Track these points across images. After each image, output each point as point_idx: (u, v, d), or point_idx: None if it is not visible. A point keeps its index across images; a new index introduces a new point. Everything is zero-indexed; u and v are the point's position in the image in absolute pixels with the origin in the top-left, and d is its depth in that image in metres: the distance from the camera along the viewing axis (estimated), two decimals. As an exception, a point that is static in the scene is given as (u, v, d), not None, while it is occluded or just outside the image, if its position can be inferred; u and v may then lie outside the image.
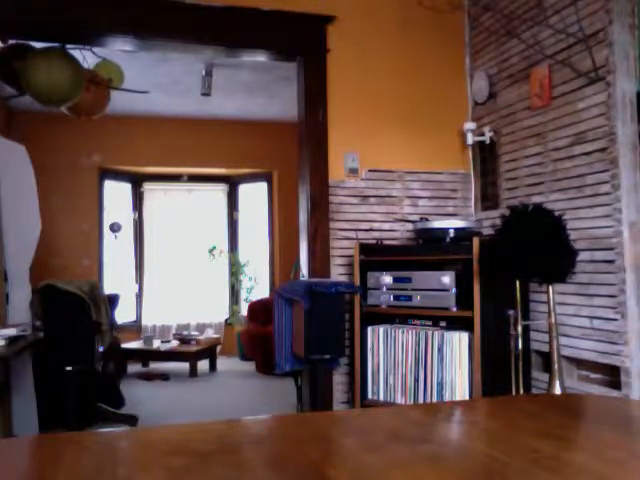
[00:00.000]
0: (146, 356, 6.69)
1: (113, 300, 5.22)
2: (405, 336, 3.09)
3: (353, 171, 3.51)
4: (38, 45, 3.57)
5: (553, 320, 2.58)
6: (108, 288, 6.52)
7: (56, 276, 4.48)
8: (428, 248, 3.18)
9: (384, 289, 3.19)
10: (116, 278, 7.36)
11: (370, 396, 3.19)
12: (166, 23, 3.29)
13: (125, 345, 6.37)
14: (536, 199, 3.00)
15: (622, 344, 2.61)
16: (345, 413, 2.08)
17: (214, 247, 7.85)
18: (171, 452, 0.92)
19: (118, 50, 3.82)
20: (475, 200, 3.65)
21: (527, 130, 3.20)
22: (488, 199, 3.57)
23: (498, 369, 2.84)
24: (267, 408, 4.67)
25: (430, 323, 3.11)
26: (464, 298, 2.93)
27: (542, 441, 0.95)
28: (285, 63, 3.87)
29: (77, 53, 3.62)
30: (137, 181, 7.74)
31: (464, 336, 2.92)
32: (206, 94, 5.54)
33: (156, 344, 6.62)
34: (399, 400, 3.09)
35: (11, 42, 3.63)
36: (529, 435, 0.99)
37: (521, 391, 2.76)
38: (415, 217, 3.50)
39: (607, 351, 2.68)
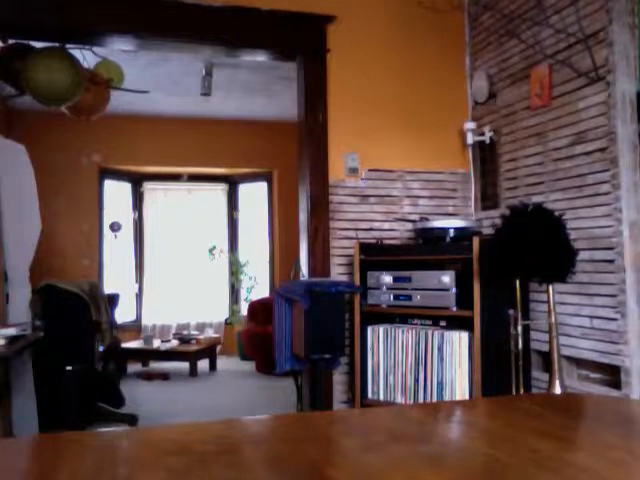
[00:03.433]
0: (146, 356, 6.69)
1: (113, 300, 5.22)
2: (405, 336, 3.09)
3: (353, 171, 3.51)
4: (38, 45, 3.57)
5: (553, 320, 2.58)
6: (108, 288, 6.52)
7: (56, 276, 4.49)
8: (428, 248, 3.19)
9: (384, 289, 3.19)
10: (116, 278, 7.36)
11: (370, 396, 3.19)
12: (166, 23, 3.29)
13: (125, 345, 6.37)
14: (536, 199, 2.99)
15: (622, 344, 2.61)
16: (345, 413, 2.08)
17: (214, 247, 7.85)
18: (171, 452, 0.92)
19: (118, 50, 3.82)
20: (475, 200, 3.65)
21: (527, 130, 3.20)
22: (488, 199, 3.57)
23: (498, 369, 2.84)
24: (267, 408, 4.67)
25: (430, 323, 3.11)
26: (464, 298, 2.93)
27: (542, 441, 0.95)
28: (285, 63, 3.87)
29: (77, 53, 3.62)
30: (137, 181, 7.75)
31: (464, 336, 2.92)
32: (206, 94, 5.54)
33: (156, 344, 6.63)
34: (399, 400, 3.09)
35: (11, 42, 3.63)
36: (529, 435, 0.99)
37: (521, 391, 2.76)
38: (415, 217, 3.50)
39: (607, 351, 2.68)
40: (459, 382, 2.92)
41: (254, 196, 8.03)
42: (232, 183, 8.07)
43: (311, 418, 1.32)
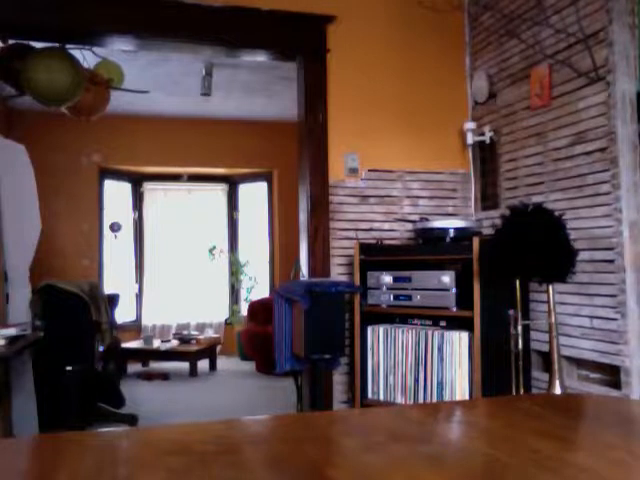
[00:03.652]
0: (146, 356, 6.69)
1: (113, 300, 5.22)
2: (405, 336, 3.09)
3: (353, 171, 3.51)
4: (38, 45, 3.57)
5: (553, 320, 2.58)
6: (108, 288, 6.52)
7: (56, 276, 4.49)
8: (428, 248, 3.18)
9: (384, 289, 3.19)
10: (116, 278, 7.36)
11: (370, 396, 3.19)
12: (166, 23, 3.29)
13: (125, 345, 6.37)
14: (536, 199, 2.99)
15: (622, 344, 2.61)
16: (345, 413, 2.08)
17: (214, 247, 7.85)
18: (171, 452, 0.92)
19: (118, 50, 3.82)
20: (475, 200, 3.65)
21: (527, 130, 3.20)
22: (488, 199, 3.57)
23: (498, 369, 2.84)
24: (267, 408, 4.67)
25: (430, 323, 3.11)
26: (464, 298, 2.93)
27: (542, 441, 0.95)
28: (285, 63, 3.87)
29: (77, 53, 3.62)
30: (137, 181, 7.75)
31: (464, 336, 2.92)
32: (206, 94, 5.55)
33: (156, 344, 6.63)
34: (399, 400, 3.09)
35: (11, 42, 3.63)
36: (529, 435, 0.99)
37: (521, 391, 2.76)
38: (415, 217, 3.50)
39: (607, 351, 2.68)
40: (459, 382, 2.92)
41: (254, 196, 8.03)
42: (232, 183, 8.07)
43: (311, 418, 1.32)
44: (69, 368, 3.70)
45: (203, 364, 6.55)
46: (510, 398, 2.16)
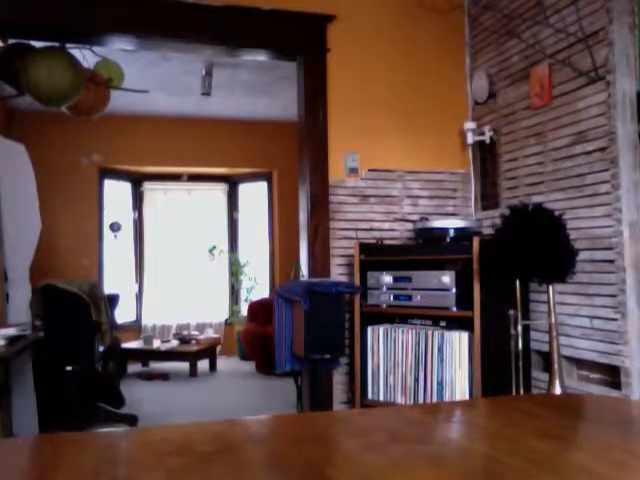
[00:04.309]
0: (146, 356, 6.70)
1: (113, 300, 5.22)
2: (405, 336, 3.09)
3: (353, 171, 3.51)
4: (38, 45, 3.57)
5: (553, 320, 2.58)
6: (108, 288, 6.52)
7: (56, 276, 4.48)
8: (428, 248, 3.18)
9: (384, 289, 3.19)
10: (116, 278, 7.36)
11: (370, 396, 3.19)
12: (166, 22, 3.29)
13: (125, 345, 6.37)
14: (536, 199, 2.99)
15: (622, 344, 2.61)
16: (345, 413, 2.09)
17: (214, 247, 7.85)
18: (171, 452, 0.92)
19: (118, 49, 3.82)
20: (475, 200, 3.65)
21: (527, 130, 3.20)
22: (488, 199, 3.57)
23: (498, 369, 2.84)
24: (267, 408, 4.67)
25: (430, 323, 3.11)
26: (464, 298, 2.93)
27: (542, 441, 0.95)
28: (285, 63, 3.87)
29: (77, 53, 3.62)
30: (137, 181, 7.75)
31: (464, 336, 2.92)
32: (206, 94, 5.55)
33: (156, 344, 6.63)
34: (399, 400, 3.09)
35: (11, 42, 3.63)
36: (529, 435, 0.99)
37: (521, 391, 2.76)
38: (415, 217, 3.50)
39: (607, 351, 2.68)
40: (459, 382, 2.92)
41: (254, 196, 8.03)
42: (232, 183, 8.07)
43: (311, 418, 1.33)
44: (69, 368, 3.69)
45: (203, 364, 6.55)
46: (510, 398, 2.16)
